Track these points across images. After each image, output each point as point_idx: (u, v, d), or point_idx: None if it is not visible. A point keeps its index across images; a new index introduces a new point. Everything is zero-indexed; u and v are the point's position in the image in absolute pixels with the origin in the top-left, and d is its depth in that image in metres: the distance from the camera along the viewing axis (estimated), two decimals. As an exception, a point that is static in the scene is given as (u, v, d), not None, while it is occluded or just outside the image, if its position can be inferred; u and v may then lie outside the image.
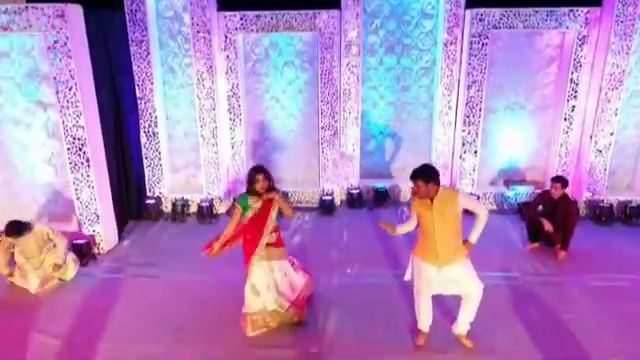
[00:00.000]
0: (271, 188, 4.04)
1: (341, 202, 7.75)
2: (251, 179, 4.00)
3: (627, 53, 6.49)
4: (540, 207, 5.98)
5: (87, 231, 5.95)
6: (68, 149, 5.66)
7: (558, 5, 6.56)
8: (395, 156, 7.99)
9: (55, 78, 5.40)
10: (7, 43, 5.65)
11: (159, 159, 7.22)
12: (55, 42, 5.28)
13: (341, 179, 7.65)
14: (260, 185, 3.98)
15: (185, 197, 7.32)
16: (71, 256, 5.32)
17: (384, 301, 4.83)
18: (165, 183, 7.39)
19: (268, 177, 4.02)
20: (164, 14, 6.93)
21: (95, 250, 5.92)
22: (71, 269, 5.27)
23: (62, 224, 6.03)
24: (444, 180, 7.53)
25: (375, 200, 7.67)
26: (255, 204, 4.02)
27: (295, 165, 7.88)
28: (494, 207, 7.48)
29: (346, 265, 5.65)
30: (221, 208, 7.35)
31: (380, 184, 7.70)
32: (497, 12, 6.59)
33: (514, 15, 6.58)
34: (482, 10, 6.61)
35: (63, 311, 4.72)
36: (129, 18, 6.59)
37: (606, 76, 6.58)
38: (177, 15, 6.91)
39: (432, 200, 3.66)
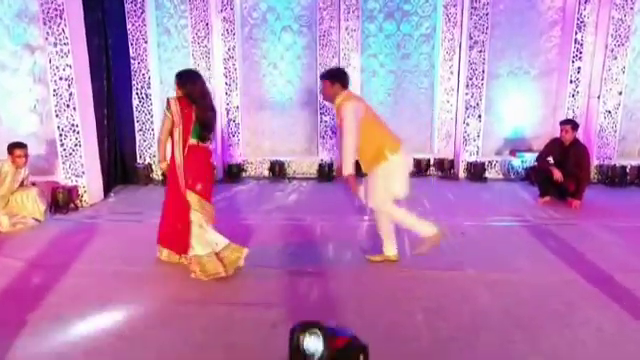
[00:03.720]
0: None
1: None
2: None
3: (631, 8, 6.37)
4: (550, 159, 5.66)
5: (71, 182, 5.59)
6: (54, 91, 5.40)
7: (559, -37, 6.51)
8: (396, 127, 7.70)
9: (43, 12, 5.21)
10: (-3, -18, 5.50)
11: (151, 123, 6.94)
12: (45, -25, 5.13)
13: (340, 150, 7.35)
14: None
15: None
16: (41, 195, 4.96)
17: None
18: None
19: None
20: (161, -26, 6.85)
21: (77, 202, 5.53)
22: (41, 207, 4.89)
23: (46, 177, 5.70)
24: (448, 149, 7.29)
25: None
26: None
27: (293, 134, 7.60)
28: (500, 176, 7.15)
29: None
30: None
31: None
32: (498, -30, 6.52)
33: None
34: (483, -32, 6.54)
35: (35, 241, 4.31)
36: (125, -26, 6.51)
37: (611, 32, 6.43)
38: (174, -25, 6.84)
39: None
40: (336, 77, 3.59)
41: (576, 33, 6.67)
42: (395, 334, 2.70)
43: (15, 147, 4.80)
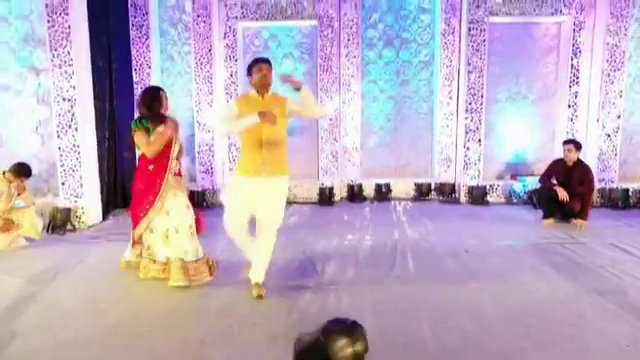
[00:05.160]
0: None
1: (341, 198, 7.38)
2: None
3: (625, 34, 6.52)
4: (554, 180, 5.62)
5: (70, 203, 5.54)
6: (57, 112, 5.44)
7: (552, -7, 6.72)
8: (397, 151, 7.74)
9: (50, 35, 5.32)
10: (6, 7, 5.64)
11: (152, 146, 6.95)
12: (54, 0, 5.27)
13: (341, 174, 7.35)
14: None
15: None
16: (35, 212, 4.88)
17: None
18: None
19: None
20: (166, 3, 7.05)
21: (76, 223, 5.46)
22: (37, 225, 4.80)
23: (46, 198, 5.67)
24: (449, 173, 7.28)
25: (376, 195, 7.31)
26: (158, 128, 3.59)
27: (294, 159, 7.57)
28: (502, 200, 7.10)
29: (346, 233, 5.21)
30: (213, 199, 6.96)
31: (381, 180, 7.39)
32: (493, -1, 6.72)
33: (510, 2, 6.71)
34: (478, -3, 6.74)
35: (29, 259, 4.22)
36: (131, 2, 6.69)
37: (607, 57, 6.55)
38: (179, 4, 7.04)
39: (263, 96, 3.25)
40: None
41: (572, 59, 6.79)
42: (400, 343, 2.59)
43: (21, 175, 4.69)
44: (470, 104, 6.95)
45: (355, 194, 7.30)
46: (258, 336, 2.71)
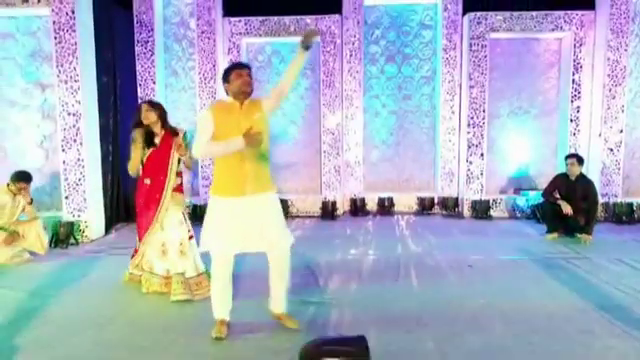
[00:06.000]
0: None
1: (344, 213, 7.36)
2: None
3: (625, 50, 6.56)
4: (556, 194, 5.61)
5: (74, 217, 5.55)
6: (62, 126, 5.49)
7: (553, 9, 6.79)
8: (399, 166, 7.74)
9: (57, 51, 5.39)
10: (13, 24, 5.74)
11: (155, 160, 6.98)
12: (60, 17, 5.35)
13: (344, 188, 7.35)
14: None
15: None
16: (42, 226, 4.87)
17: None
18: (160, 187, 7.08)
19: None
20: (171, 20, 7.16)
21: (79, 237, 5.46)
22: (43, 240, 4.79)
23: (49, 212, 5.69)
24: (452, 187, 7.27)
25: (379, 209, 7.30)
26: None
27: (297, 173, 7.62)
28: (506, 214, 7.07)
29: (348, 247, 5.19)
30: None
31: (384, 194, 7.39)
32: (494, 15, 6.79)
33: (510, 18, 6.78)
34: (480, 14, 6.81)
35: (33, 273, 4.21)
36: (136, 19, 6.79)
37: (608, 72, 6.58)
38: (183, 21, 7.14)
39: (242, 103, 2.82)
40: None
41: (573, 74, 6.83)
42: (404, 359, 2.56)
43: (20, 180, 4.70)
44: (472, 119, 6.97)
45: (358, 208, 7.30)
46: (260, 351, 2.68)
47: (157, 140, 3.64)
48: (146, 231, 3.66)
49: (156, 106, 3.68)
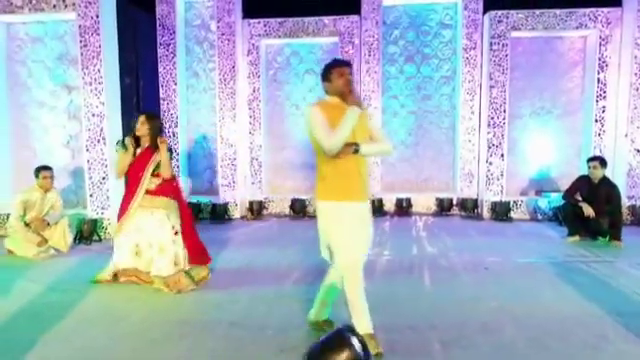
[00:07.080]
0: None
1: (361, 213, 7.35)
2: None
3: (654, 48, 6.34)
4: (578, 196, 5.47)
5: (97, 214, 5.73)
6: (87, 126, 5.68)
7: (577, 6, 6.63)
8: (418, 166, 7.69)
9: (82, 55, 5.58)
10: (42, 29, 5.98)
11: (177, 160, 7.15)
12: (86, 21, 5.54)
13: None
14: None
15: (200, 201, 7.11)
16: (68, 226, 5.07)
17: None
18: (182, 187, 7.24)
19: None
20: (192, 22, 7.31)
21: (102, 234, 5.64)
22: (67, 238, 4.99)
23: (74, 210, 5.89)
24: (471, 188, 7.17)
25: (397, 209, 7.27)
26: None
27: (314, 174, 7.64)
28: (526, 216, 6.94)
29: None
30: (235, 213, 7.07)
31: (402, 195, 7.35)
32: (516, 13, 6.67)
33: (533, 16, 6.65)
34: (501, 12, 6.71)
35: (57, 268, 4.38)
36: (159, 22, 6.96)
37: (635, 71, 6.38)
38: (204, 23, 7.28)
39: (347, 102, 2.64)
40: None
41: (598, 73, 6.65)
42: (410, 361, 2.56)
43: (41, 169, 4.98)
44: (492, 119, 6.87)
45: (375, 209, 7.27)
46: (268, 349, 2.72)
47: (138, 151, 3.79)
48: (120, 217, 3.83)
49: (151, 121, 3.81)
